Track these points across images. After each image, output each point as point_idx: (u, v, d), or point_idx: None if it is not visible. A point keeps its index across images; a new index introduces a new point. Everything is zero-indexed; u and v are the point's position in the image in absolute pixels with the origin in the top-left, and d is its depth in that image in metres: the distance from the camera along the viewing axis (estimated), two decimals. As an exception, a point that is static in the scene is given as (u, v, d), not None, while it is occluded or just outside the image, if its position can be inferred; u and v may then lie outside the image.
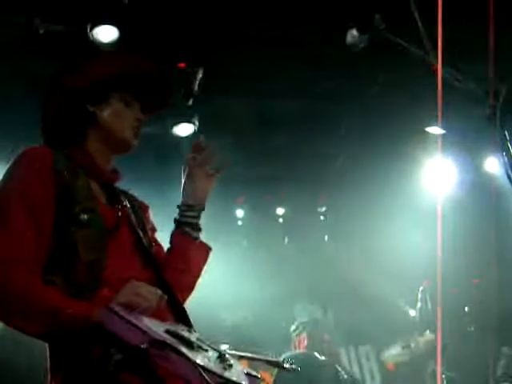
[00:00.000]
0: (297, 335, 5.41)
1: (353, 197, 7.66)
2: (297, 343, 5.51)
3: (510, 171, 1.96)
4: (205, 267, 2.50)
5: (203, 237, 2.49)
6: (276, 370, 4.73)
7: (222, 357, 1.91)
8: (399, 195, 7.52)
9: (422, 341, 6.96)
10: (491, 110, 2.05)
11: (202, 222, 2.47)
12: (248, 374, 1.95)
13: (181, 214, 2.47)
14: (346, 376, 5.44)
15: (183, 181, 2.48)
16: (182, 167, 2.48)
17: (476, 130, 2.00)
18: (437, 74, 2.40)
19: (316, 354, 5.19)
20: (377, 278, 7.81)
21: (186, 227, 2.44)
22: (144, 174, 6.40)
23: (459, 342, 6.92)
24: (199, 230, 2.48)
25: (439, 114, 3.28)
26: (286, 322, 7.19)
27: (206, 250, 2.52)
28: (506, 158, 1.98)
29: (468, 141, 5.68)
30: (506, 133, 2.02)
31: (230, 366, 1.90)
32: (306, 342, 5.42)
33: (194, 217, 2.46)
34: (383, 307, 7.88)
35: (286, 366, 2.54)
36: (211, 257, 2.51)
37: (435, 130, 6.16)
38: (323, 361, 5.23)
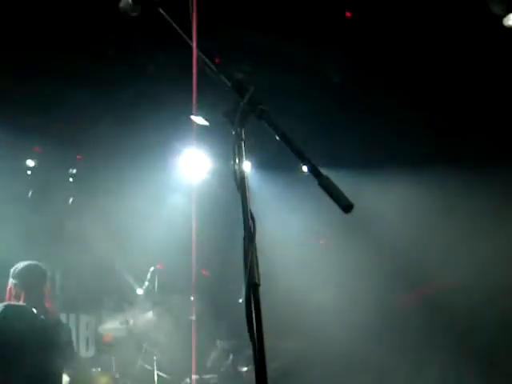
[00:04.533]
0: (15, 285, 5.20)
1: (108, 170, 7.59)
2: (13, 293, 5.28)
3: (235, 169, 2.03)
4: None
5: None
6: None
7: None
8: (154, 179, 7.59)
9: (142, 319, 7.06)
10: (233, 106, 2.10)
11: None
12: None
13: None
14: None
15: None
16: None
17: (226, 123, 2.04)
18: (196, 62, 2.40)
19: (34, 310, 5.04)
20: (115, 253, 7.79)
21: None
22: None
23: (181, 328, 7.08)
24: None
25: (193, 103, 3.32)
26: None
27: None
28: (235, 156, 2.04)
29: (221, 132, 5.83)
30: (243, 131, 2.09)
31: None
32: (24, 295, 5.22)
33: None
34: (114, 281, 7.89)
35: None
36: None
37: (198, 119, 6.29)
38: (38, 315, 5.08)
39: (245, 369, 7.17)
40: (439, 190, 7.13)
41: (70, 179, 8.06)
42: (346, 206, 1.98)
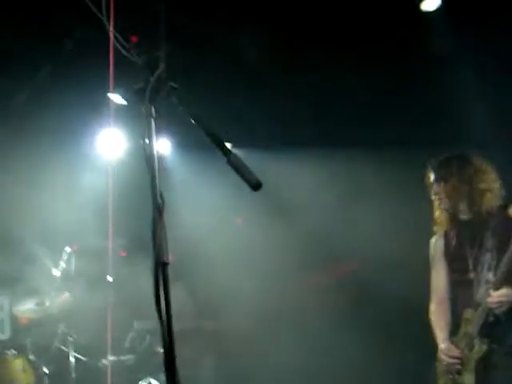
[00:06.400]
0: None
1: (21, 147, 7.42)
2: None
3: (145, 146, 2.02)
4: None
5: None
6: None
7: None
8: (70, 158, 7.48)
9: (58, 301, 6.98)
10: (142, 85, 2.09)
11: None
12: None
13: None
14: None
15: None
16: None
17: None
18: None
19: None
20: (29, 232, 7.65)
21: None
22: None
23: (98, 309, 7.03)
24: None
25: (111, 82, 3.30)
26: None
27: None
28: (144, 134, 2.04)
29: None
30: (153, 108, 2.08)
31: None
32: None
33: None
34: (29, 262, 7.73)
35: None
36: None
37: (115, 98, 6.22)
38: None
39: (161, 350, 7.16)
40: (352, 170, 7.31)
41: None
42: (255, 185, 2.00)
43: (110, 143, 7.63)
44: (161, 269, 1.98)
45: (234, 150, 2.08)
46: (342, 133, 7.29)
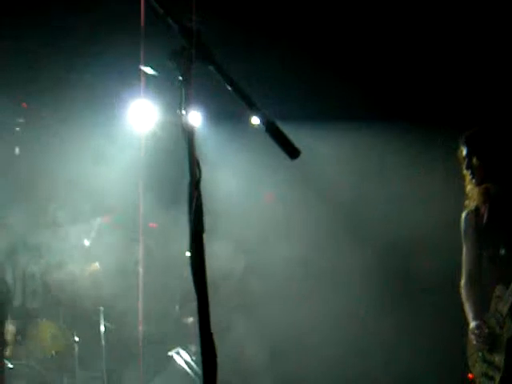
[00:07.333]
0: None
1: (54, 120, 7.47)
2: None
3: (181, 115, 2.00)
4: None
5: None
6: None
7: None
8: (101, 130, 7.50)
9: (88, 270, 7.06)
10: (180, 50, 2.07)
11: None
12: None
13: None
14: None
15: None
16: None
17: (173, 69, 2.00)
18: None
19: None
20: (61, 203, 7.71)
21: None
22: None
23: (129, 279, 7.09)
24: None
25: (142, 53, 3.27)
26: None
27: None
28: (181, 103, 2.02)
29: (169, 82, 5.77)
30: (190, 77, 2.06)
31: None
32: None
33: None
34: (59, 232, 7.80)
35: None
36: None
37: (147, 69, 6.19)
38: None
39: (190, 320, 7.23)
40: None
41: (17, 128, 7.90)
42: (293, 152, 1.99)
43: (141, 116, 7.63)
44: (196, 237, 1.96)
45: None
46: (369, 107, 7.25)
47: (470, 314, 4.46)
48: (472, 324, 4.39)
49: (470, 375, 4.44)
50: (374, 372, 6.71)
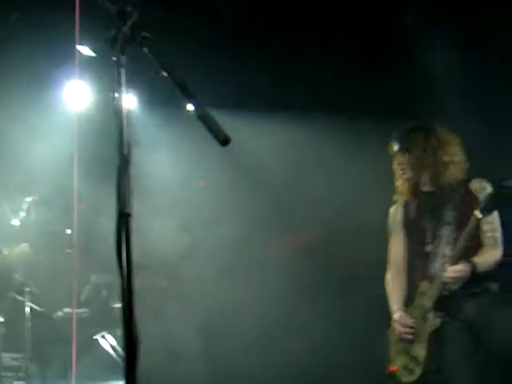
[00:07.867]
0: None
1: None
2: None
3: (113, 96, 1.99)
4: None
5: None
6: None
7: None
8: (35, 110, 7.37)
9: (16, 251, 6.95)
10: (114, 32, 2.05)
11: None
12: None
13: None
14: None
15: None
16: None
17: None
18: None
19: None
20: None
21: None
22: None
23: (56, 262, 7.00)
24: None
25: (76, 33, 3.23)
26: None
27: None
28: (116, 85, 2.00)
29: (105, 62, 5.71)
30: (124, 58, 2.04)
31: None
32: None
33: None
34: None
35: None
36: None
37: (83, 49, 6.11)
38: None
39: (117, 305, 7.19)
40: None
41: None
42: (223, 139, 2.00)
43: (76, 95, 7.54)
44: (123, 220, 1.92)
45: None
46: (310, 97, 7.31)
47: (394, 306, 4.53)
48: (396, 314, 4.47)
49: (392, 367, 4.52)
50: (297, 356, 6.75)
